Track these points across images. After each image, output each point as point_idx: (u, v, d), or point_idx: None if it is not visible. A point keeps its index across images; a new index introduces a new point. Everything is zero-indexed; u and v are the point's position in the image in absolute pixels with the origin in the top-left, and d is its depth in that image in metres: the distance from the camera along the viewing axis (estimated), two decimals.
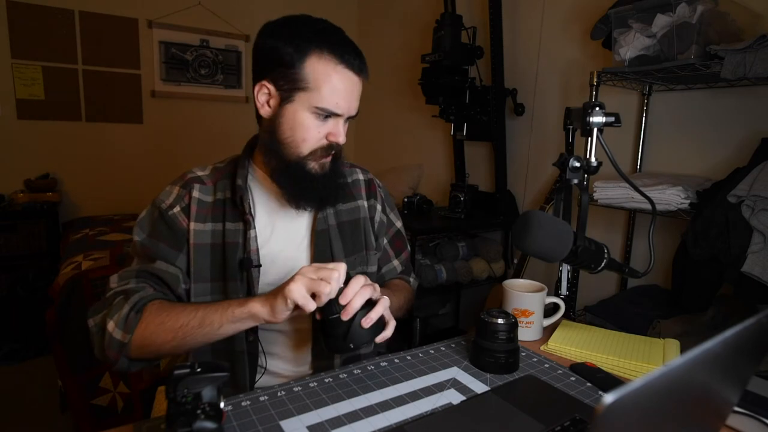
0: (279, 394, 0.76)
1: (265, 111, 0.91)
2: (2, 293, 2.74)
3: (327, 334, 0.81)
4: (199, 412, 0.56)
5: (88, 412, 1.86)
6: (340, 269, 0.78)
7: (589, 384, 0.84)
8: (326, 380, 0.81)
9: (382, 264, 1.12)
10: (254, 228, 0.93)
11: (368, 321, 0.79)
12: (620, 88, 1.80)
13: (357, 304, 0.78)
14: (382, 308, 0.81)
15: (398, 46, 3.34)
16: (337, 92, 0.86)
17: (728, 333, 0.41)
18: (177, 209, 0.92)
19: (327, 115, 0.88)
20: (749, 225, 1.24)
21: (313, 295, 0.76)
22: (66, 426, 1.96)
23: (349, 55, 0.87)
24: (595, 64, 2.04)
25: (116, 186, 3.25)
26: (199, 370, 0.59)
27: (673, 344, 0.98)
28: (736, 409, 0.72)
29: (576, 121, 0.91)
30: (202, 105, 3.49)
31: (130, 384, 1.95)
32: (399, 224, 1.16)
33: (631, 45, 1.51)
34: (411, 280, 1.17)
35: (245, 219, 0.92)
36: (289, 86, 0.86)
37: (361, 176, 1.10)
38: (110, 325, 0.80)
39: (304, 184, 0.90)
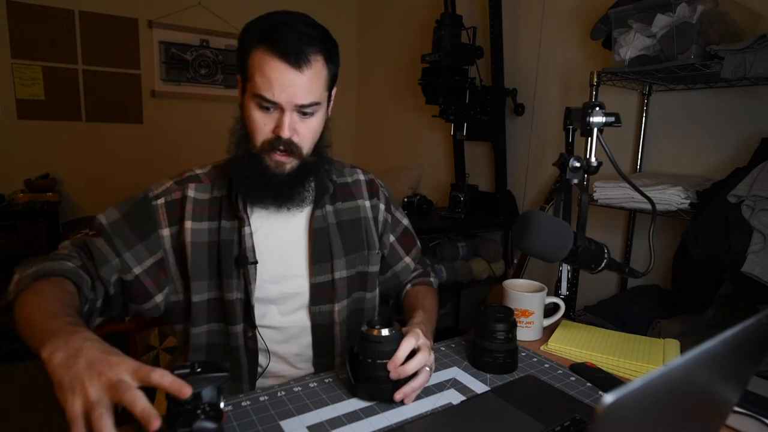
0: (279, 394, 0.76)
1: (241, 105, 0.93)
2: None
3: (364, 378, 0.75)
4: (198, 412, 0.56)
5: None
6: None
7: (589, 384, 0.84)
8: (326, 380, 0.81)
9: (394, 262, 1.11)
10: (249, 225, 0.93)
11: (401, 395, 0.75)
12: (620, 88, 1.80)
13: (409, 370, 0.74)
14: (422, 382, 0.77)
15: (398, 46, 3.34)
16: (269, 81, 0.84)
17: (728, 333, 0.41)
18: (161, 201, 0.92)
19: (267, 105, 0.86)
20: (749, 225, 1.24)
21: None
22: (66, 426, 1.96)
23: (287, 46, 0.84)
24: (595, 64, 2.04)
25: (116, 186, 3.24)
26: (199, 370, 0.59)
27: (673, 344, 0.98)
28: (736, 409, 0.72)
29: (576, 121, 0.91)
30: (202, 105, 3.48)
31: None
32: (406, 221, 1.15)
33: (631, 45, 1.51)
34: (432, 280, 1.17)
35: (239, 216, 0.92)
36: (243, 78, 0.89)
37: (362, 176, 1.10)
38: (15, 277, 0.80)
39: (254, 179, 0.89)
